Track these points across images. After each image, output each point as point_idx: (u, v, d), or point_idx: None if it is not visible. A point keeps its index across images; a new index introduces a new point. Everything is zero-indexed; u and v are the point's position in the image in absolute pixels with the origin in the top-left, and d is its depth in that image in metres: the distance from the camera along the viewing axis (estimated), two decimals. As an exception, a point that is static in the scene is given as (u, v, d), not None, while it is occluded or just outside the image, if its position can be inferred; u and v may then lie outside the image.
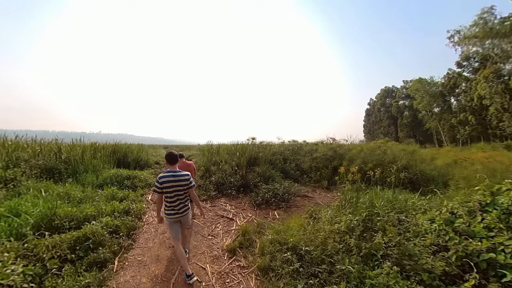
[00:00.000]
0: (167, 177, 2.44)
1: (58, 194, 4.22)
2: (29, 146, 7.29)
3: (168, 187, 2.43)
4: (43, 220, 2.92)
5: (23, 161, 6.19)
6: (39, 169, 6.03)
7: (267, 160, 7.03)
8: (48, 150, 7.06)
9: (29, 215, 2.94)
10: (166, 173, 2.48)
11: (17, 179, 5.19)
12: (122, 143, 10.22)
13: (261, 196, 5.11)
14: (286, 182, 6.48)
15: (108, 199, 4.34)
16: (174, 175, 2.47)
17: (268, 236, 3.21)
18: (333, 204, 5.27)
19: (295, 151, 11.67)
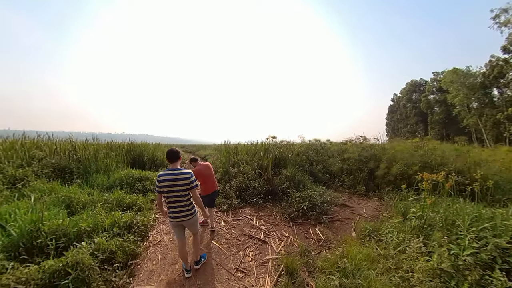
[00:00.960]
0: (166, 175, 2.23)
1: (57, 199, 3.67)
2: (46, 145, 7.11)
3: (165, 187, 2.21)
4: (24, 238, 2.25)
5: (37, 160, 5.96)
6: (51, 168, 5.72)
7: (294, 161, 6.04)
8: (63, 149, 6.83)
9: (14, 228, 2.30)
10: (165, 171, 2.27)
11: (25, 179, 4.86)
12: (138, 142, 9.89)
13: (296, 208, 4.16)
14: (318, 188, 5.46)
15: (113, 206, 3.69)
16: (173, 173, 2.24)
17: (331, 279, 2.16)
18: (384, 218, 4.18)
19: (319, 151, 10.57)
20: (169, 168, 2.29)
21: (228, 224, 3.89)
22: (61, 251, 2.35)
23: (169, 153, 2.33)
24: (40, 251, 2.28)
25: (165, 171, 2.27)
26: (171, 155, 2.32)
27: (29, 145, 6.70)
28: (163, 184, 2.20)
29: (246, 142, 10.44)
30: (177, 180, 2.22)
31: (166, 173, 2.23)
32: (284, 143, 9.33)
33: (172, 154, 2.31)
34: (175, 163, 2.32)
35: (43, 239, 2.29)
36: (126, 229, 2.79)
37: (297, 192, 4.65)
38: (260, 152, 6.25)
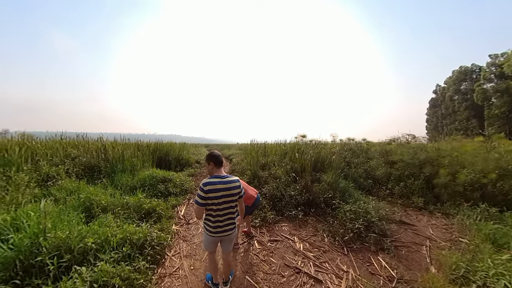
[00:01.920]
0: (215, 184, 1.86)
1: (78, 201, 3.43)
2: (81, 144, 7.37)
3: (215, 197, 1.84)
4: (22, 254, 1.86)
5: (71, 159, 6.11)
6: (82, 167, 5.79)
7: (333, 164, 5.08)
8: (95, 148, 6.97)
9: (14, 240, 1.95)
10: (212, 179, 1.89)
11: (56, 176, 4.88)
12: (165, 142, 9.91)
13: (350, 227, 3.29)
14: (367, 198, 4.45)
15: (130, 212, 3.30)
16: (223, 181, 1.89)
17: None
18: (469, 247, 3.04)
19: (356, 152, 9.30)
20: (215, 175, 1.91)
21: (264, 247, 3.08)
22: (63, 271, 1.92)
23: (216, 156, 1.95)
24: (40, 270, 1.87)
25: (211, 178, 1.88)
26: (219, 158, 1.95)
27: (66, 144, 6.99)
28: (211, 194, 1.81)
29: (272, 141, 9.71)
30: (229, 190, 1.87)
31: (214, 181, 1.85)
32: (315, 143, 8.36)
33: (219, 159, 1.96)
34: (221, 168, 1.97)
35: (44, 256, 1.88)
36: (139, 248, 2.28)
37: (345, 204, 3.74)
38: (295, 152, 5.43)
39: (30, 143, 6.16)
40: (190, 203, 4.72)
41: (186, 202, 4.81)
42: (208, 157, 1.97)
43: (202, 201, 1.81)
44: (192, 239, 3.19)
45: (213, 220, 1.87)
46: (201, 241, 3.01)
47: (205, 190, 1.79)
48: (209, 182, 1.83)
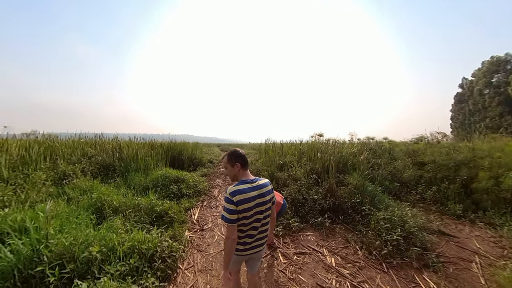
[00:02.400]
0: (246, 191, 1.41)
1: (89, 201, 3.31)
2: (97, 143, 7.47)
3: (248, 209, 1.40)
4: (21, 263, 1.67)
5: (87, 157, 6.17)
6: (97, 165, 5.81)
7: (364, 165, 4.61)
8: (111, 147, 7.02)
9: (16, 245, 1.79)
10: (241, 185, 1.44)
11: (72, 175, 4.88)
12: (178, 141, 9.88)
13: (388, 239, 2.83)
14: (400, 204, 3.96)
15: (141, 215, 3.10)
16: (254, 186, 1.47)
17: None
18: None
19: (378, 152, 8.64)
20: (243, 180, 1.49)
21: (291, 262, 2.65)
22: (65, 283, 1.71)
23: (242, 156, 1.53)
24: (40, 282, 1.68)
25: (239, 185, 1.45)
26: (245, 158, 1.54)
27: (84, 143, 7.10)
28: (245, 206, 1.38)
29: (286, 141, 9.32)
30: (262, 197, 1.47)
31: (244, 188, 1.43)
32: (333, 142, 7.84)
33: (246, 157, 1.56)
34: (247, 169, 1.56)
35: (45, 266, 1.68)
36: (148, 260, 2.02)
37: (377, 211, 3.30)
38: (315, 152, 5.02)
39: (50, 142, 6.32)
40: (204, 206, 4.49)
41: (199, 204, 4.56)
42: (232, 157, 1.51)
43: (234, 217, 1.36)
44: (207, 249, 2.86)
45: (243, 236, 1.46)
46: (218, 253, 2.75)
47: (236, 201, 1.35)
48: (238, 191, 1.39)
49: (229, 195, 1.39)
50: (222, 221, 2.92)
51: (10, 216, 2.45)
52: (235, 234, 1.39)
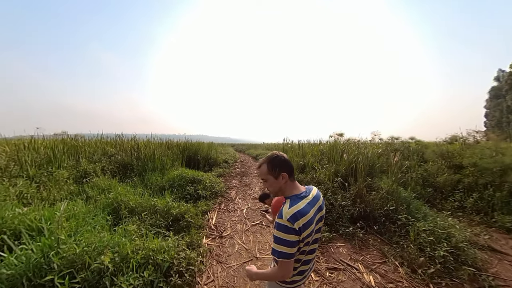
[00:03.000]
0: (307, 211, 1.01)
1: (106, 201, 3.25)
2: (117, 143, 7.65)
3: (310, 234, 1.01)
4: (30, 271, 1.56)
5: (107, 157, 6.30)
6: (117, 164, 5.90)
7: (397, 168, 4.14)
8: (129, 147, 7.14)
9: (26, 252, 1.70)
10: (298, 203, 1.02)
11: (92, 174, 4.96)
12: (194, 141, 9.91)
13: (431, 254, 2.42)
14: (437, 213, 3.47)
15: (157, 219, 2.96)
16: (311, 200, 1.07)
17: None
18: None
19: (404, 154, 7.95)
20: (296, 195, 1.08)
21: (324, 279, 2.30)
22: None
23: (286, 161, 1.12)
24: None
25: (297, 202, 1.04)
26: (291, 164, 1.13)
27: (104, 143, 7.30)
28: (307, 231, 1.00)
29: (303, 141, 8.93)
30: (321, 210, 1.13)
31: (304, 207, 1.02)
32: (356, 142, 7.31)
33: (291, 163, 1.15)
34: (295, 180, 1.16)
35: (54, 275, 1.55)
36: (163, 274, 1.81)
37: (415, 221, 2.87)
38: (338, 153, 4.63)
39: (74, 142, 6.55)
40: (221, 209, 4.29)
41: (217, 207, 4.37)
42: (276, 165, 1.09)
43: (294, 250, 0.98)
44: (227, 261, 2.60)
45: (299, 265, 1.10)
46: (240, 266, 2.50)
47: (298, 228, 0.96)
48: (299, 213, 0.99)
49: (288, 222, 0.96)
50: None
51: (30, 215, 2.43)
52: (290, 271, 1.01)
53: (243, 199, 4.94)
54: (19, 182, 3.55)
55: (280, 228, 0.98)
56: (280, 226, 0.98)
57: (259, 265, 2.51)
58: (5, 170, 3.94)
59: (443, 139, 8.18)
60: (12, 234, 2.17)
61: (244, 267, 2.44)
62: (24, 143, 5.17)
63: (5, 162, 4.12)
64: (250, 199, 4.89)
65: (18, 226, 2.21)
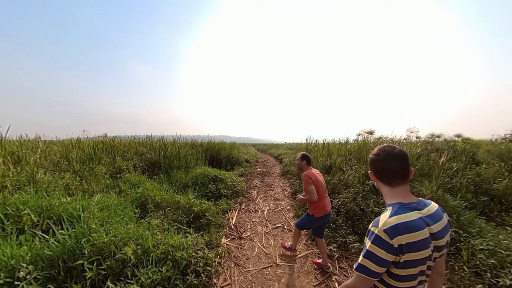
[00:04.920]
0: (417, 228, 0.73)
1: (135, 195, 3.47)
2: (147, 143, 8.26)
3: (417, 262, 0.73)
4: (65, 255, 1.69)
5: (139, 155, 6.83)
6: (146, 162, 6.35)
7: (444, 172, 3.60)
8: (158, 146, 7.64)
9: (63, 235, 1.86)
10: (404, 214, 0.76)
11: (125, 170, 5.39)
12: (216, 141, 10.17)
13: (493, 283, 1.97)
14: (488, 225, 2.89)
15: (179, 215, 3.03)
16: (426, 216, 0.78)
17: None
18: None
19: (450, 154, 6.93)
20: (404, 204, 0.82)
21: None
22: (101, 279, 1.65)
23: (391, 158, 0.85)
24: (80, 274, 1.66)
25: (403, 212, 0.79)
26: (398, 163, 0.84)
27: (136, 143, 7.94)
28: (414, 256, 0.75)
29: (329, 140, 8.45)
30: (441, 237, 0.81)
31: (412, 220, 0.77)
32: (389, 141, 6.61)
33: (400, 162, 0.84)
34: (405, 185, 0.86)
35: (85, 260, 1.65)
36: (181, 271, 1.80)
37: (468, 237, 2.40)
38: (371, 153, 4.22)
39: (112, 142, 7.25)
40: (242, 209, 4.22)
41: (237, 207, 4.31)
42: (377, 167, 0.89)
43: (382, 269, 0.78)
44: (246, 264, 2.46)
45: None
46: (259, 272, 2.32)
47: (397, 246, 0.74)
48: (403, 225, 0.75)
49: (383, 232, 0.76)
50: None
51: (72, 204, 2.69)
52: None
53: (264, 200, 4.82)
54: (66, 175, 4.00)
55: (373, 238, 0.78)
56: (373, 236, 0.78)
57: (279, 272, 2.34)
58: (57, 165, 4.49)
59: (502, 136, 6.93)
60: (58, 220, 2.43)
61: (263, 272, 2.30)
62: (72, 143, 5.86)
63: (57, 158, 4.70)
64: (271, 200, 4.75)
65: (62, 213, 2.47)
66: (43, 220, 2.27)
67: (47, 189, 3.14)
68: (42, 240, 1.96)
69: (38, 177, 3.25)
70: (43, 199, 2.65)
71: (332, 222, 3.08)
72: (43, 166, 4.09)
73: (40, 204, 2.44)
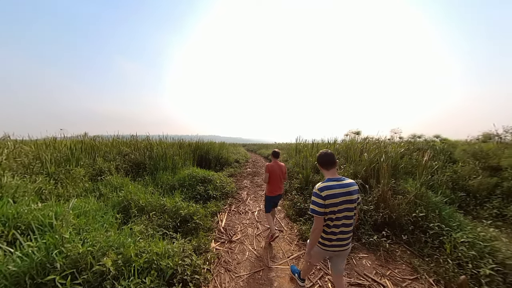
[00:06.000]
0: (333, 188, 1.51)
1: (117, 199, 3.24)
2: (131, 143, 7.84)
3: (335, 204, 1.50)
4: (34, 270, 1.49)
5: (122, 156, 6.45)
6: (130, 163, 6.01)
7: (427, 169, 3.74)
8: (143, 146, 7.27)
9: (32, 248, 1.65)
10: (328, 182, 1.56)
11: (106, 172, 5.06)
12: (205, 141, 9.93)
13: (475, 273, 2.07)
14: (466, 219, 3.06)
15: (166, 219, 2.87)
16: (341, 184, 1.55)
17: None
18: None
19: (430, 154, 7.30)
20: (331, 178, 1.59)
21: None
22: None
23: (325, 156, 1.63)
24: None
25: (326, 181, 1.57)
26: (329, 158, 1.63)
27: (119, 143, 7.50)
28: (332, 201, 1.49)
29: (317, 140, 8.57)
30: (351, 195, 1.54)
31: (331, 184, 1.54)
32: (374, 141, 6.83)
33: (331, 157, 1.63)
34: (333, 169, 1.63)
35: (57, 274, 1.48)
36: (166, 281, 1.66)
37: (450, 230, 2.51)
38: (358, 152, 4.29)
39: (92, 141, 6.79)
40: (231, 211, 4.11)
41: (227, 209, 4.18)
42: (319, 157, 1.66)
43: (321, 209, 1.50)
44: (237, 269, 2.35)
45: (328, 232, 1.57)
46: (250, 277, 2.28)
47: (323, 195, 1.48)
48: (326, 186, 1.51)
49: (318, 190, 1.53)
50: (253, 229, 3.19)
51: (44, 211, 2.44)
52: (321, 225, 1.53)
53: (255, 200, 4.74)
54: (38, 178, 3.66)
55: (313, 194, 1.57)
56: (314, 193, 1.57)
57: (272, 276, 2.27)
58: (28, 167, 4.10)
59: (475, 137, 7.41)
60: (26, 229, 2.18)
61: (255, 277, 2.24)
62: (47, 142, 5.40)
63: (28, 160, 4.29)
64: (261, 201, 4.69)
65: (31, 222, 2.22)
66: (9, 231, 2.03)
67: (14, 194, 2.83)
68: (7, 254, 1.74)
69: (4, 181, 2.93)
70: (9, 206, 2.38)
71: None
72: (12, 168, 3.72)
73: (5, 212, 2.18)
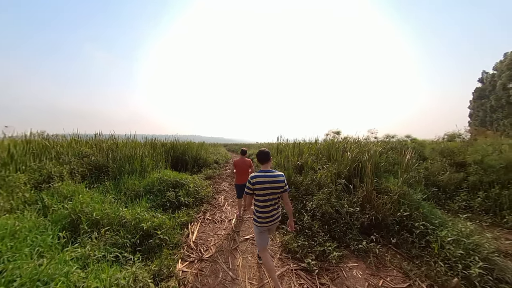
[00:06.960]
0: (260, 177, 2.05)
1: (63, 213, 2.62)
2: (94, 143, 6.89)
3: (260, 189, 2.04)
4: None
5: (80, 157, 5.58)
6: (89, 166, 5.20)
7: (410, 168, 3.72)
8: (108, 147, 6.41)
9: None
10: (259, 173, 2.09)
11: (57, 177, 4.26)
12: (181, 141, 9.24)
13: (466, 274, 1.97)
14: (445, 215, 3.09)
15: (124, 234, 2.37)
16: (267, 175, 2.07)
17: None
18: None
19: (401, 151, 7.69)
20: (262, 170, 2.10)
21: None
22: None
23: (260, 154, 2.17)
24: None
25: (259, 172, 2.09)
26: (263, 156, 2.15)
27: (78, 143, 6.52)
28: (258, 186, 2.02)
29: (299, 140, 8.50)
30: (273, 183, 2.02)
31: (261, 174, 2.05)
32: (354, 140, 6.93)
33: (264, 155, 2.15)
34: (266, 164, 2.13)
35: None
36: None
37: (435, 228, 2.44)
38: (341, 151, 4.17)
39: (45, 141, 5.76)
40: (205, 220, 3.66)
41: (200, 217, 3.69)
42: (256, 155, 2.17)
43: (250, 191, 2.05)
44: None
45: (260, 211, 2.05)
46: None
47: (252, 182, 2.01)
48: (255, 176, 2.03)
49: (250, 177, 2.05)
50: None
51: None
52: (250, 202, 2.12)
53: (233, 206, 4.36)
54: (-46, 190, 2.86)
55: (247, 181, 2.08)
56: (247, 181, 2.08)
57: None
58: None
59: (442, 137, 7.98)
60: None
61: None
62: (-27, 144, 4.40)
63: None
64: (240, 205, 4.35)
65: None
66: None
67: None
68: None
69: None
70: None
71: (307, 229, 2.84)
72: None
73: None
